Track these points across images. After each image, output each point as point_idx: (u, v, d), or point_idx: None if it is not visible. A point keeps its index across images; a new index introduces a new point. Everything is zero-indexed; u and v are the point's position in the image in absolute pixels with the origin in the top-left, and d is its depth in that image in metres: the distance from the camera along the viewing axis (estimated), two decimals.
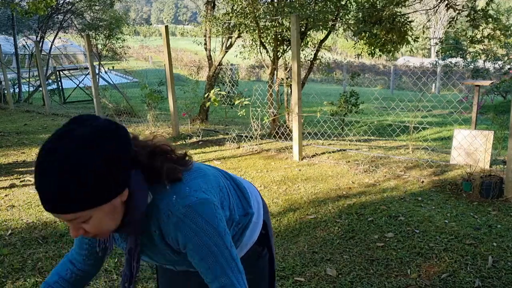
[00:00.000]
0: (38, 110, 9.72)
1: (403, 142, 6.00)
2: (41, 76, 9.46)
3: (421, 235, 2.90)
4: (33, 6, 6.57)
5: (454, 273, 2.42)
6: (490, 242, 2.76)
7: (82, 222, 0.85)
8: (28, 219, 3.28)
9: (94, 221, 0.85)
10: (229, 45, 7.80)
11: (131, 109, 8.05)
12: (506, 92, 11.48)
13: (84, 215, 0.83)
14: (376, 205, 3.44)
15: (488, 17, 5.50)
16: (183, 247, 0.95)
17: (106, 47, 13.92)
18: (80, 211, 0.82)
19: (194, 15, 76.09)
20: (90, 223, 0.85)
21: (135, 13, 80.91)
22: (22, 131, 7.05)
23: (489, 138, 4.13)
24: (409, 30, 5.64)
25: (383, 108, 9.86)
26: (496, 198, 3.49)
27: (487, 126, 7.05)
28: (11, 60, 16.38)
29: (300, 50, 5.36)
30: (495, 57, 11.94)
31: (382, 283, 2.35)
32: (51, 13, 12.44)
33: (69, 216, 0.82)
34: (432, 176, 4.09)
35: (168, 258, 1.04)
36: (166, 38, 5.87)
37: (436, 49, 23.02)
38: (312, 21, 6.06)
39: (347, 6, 6.59)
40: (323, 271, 2.48)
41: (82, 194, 0.79)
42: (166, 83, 6.16)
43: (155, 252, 1.03)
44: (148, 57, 29.69)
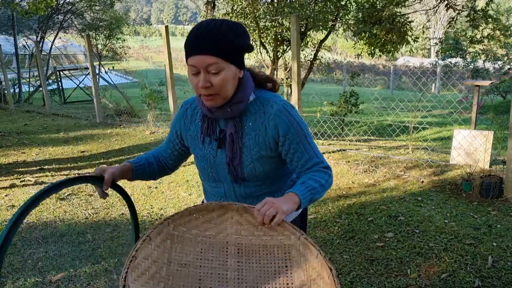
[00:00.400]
0: (38, 110, 9.72)
1: (403, 142, 6.00)
2: (41, 76, 9.46)
3: (421, 235, 2.90)
4: (33, 6, 6.57)
5: (454, 273, 2.42)
6: (490, 242, 2.77)
7: (215, 73, 1.08)
8: (28, 219, 3.29)
9: (222, 75, 1.09)
10: None
11: (131, 109, 8.06)
12: (506, 92, 11.48)
13: (221, 64, 1.07)
14: (376, 205, 3.45)
15: (488, 17, 5.50)
16: (283, 133, 1.17)
17: (106, 47, 13.93)
18: (223, 57, 1.07)
19: (194, 15, 76.12)
20: (219, 76, 1.08)
21: (135, 13, 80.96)
22: (22, 131, 7.06)
23: (489, 138, 4.13)
24: (409, 30, 5.65)
25: (383, 108, 9.86)
26: (495, 198, 3.49)
27: (487, 126, 7.05)
28: (11, 60, 16.38)
29: (300, 50, 5.37)
30: (495, 57, 11.93)
31: (382, 283, 2.35)
32: (51, 13, 12.45)
33: (214, 59, 1.06)
34: (432, 176, 4.09)
35: (252, 153, 1.20)
36: (166, 38, 5.87)
37: (436, 49, 23.03)
38: (312, 21, 6.06)
39: (347, 6, 6.60)
40: None
41: (229, 48, 1.07)
42: (166, 83, 6.17)
43: (245, 144, 1.20)
44: (148, 57, 29.69)
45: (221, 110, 1.17)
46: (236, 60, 1.10)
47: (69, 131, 6.97)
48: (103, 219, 3.30)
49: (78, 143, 6.02)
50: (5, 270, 2.53)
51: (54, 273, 2.50)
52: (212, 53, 1.06)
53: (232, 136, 1.18)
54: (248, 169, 1.19)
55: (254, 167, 1.19)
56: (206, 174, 1.28)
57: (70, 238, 2.95)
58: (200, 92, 1.12)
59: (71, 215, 3.38)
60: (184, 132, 1.30)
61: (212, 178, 1.28)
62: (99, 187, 1.21)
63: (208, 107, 1.17)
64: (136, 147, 5.67)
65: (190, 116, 1.28)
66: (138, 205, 3.59)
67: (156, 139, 6.17)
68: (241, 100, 1.16)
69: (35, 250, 2.79)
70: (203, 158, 1.25)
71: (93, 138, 6.31)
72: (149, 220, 3.28)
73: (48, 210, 3.48)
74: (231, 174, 1.21)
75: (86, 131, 6.90)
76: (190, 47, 1.08)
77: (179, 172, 4.52)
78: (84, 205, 3.60)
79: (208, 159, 1.24)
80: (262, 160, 1.19)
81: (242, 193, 1.26)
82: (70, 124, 7.63)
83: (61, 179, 1.09)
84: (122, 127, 7.10)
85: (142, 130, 6.74)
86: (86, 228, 3.12)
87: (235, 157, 1.19)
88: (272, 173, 1.23)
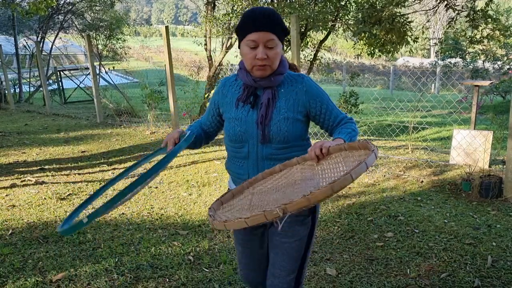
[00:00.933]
0: (38, 110, 9.73)
1: (403, 142, 6.01)
2: (42, 76, 9.47)
3: (421, 235, 2.91)
4: (33, 6, 6.58)
5: (454, 273, 2.43)
6: (489, 242, 2.77)
7: (270, 47, 1.36)
8: (29, 219, 3.29)
9: (276, 50, 1.38)
10: (229, 46, 7.82)
11: (132, 109, 8.06)
12: (505, 92, 11.47)
13: (276, 41, 1.37)
14: (375, 205, 3.45)
15: (488, 17, 5.51)
16: (313, 97, 1.46)
17: (106, 48, 13.95)
18: (278, 36, 1.37)
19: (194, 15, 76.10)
20: (274, 50, 1.37)
21: (135, 13, 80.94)
22: (22, 131, 7.06)
23: (488, 138, 4.14)
24: (409, 30, 5.65)
25: (383, 108, 9.87)
26: (495, 198, 3.50)
27: (487, 126, 7.06)
28: (11, 60, 16.39)
29: (300, 50, 5.37)
30: (494, 58, 11.93)
31: (382, 282, 2.36)
32: (52, 13, 12.46)
33: (272, 36, 1.35)
34: (431, 176, 4.10)
35: (280, 113, 1.44)
36: (166, 38, 5.88)
37: (436, 49, 23.04)
38: (312, 22, 6.07)
39: (347, 7, 6.61)
40: (322, 271, 2.49)
41: (281, 30, 1.38)
42: (166, 83, 6.17)
43: (276, 106, 1.44)
44: (149, 58, 29.68)
45: (266, 80, 1.42)
46: (282, 40, 1.41)
47: (70, 131, 6.98)
48: (103, 219, 3.31)
49: (79, 143, 6.03)
50: (5, 270, 2.54)
51: (55, 272, 2.51)
52: (272, 31, 1.35)
53: (268, 100, 1.42)
54: (274, 127, 1.41)
55: (280, 127, 1.41)
56: (234, 134, 1.47)
57: (70, 238, 2.96)
58: (255, 63, 1.37)
59: None
60: (221, 100, 1.53)
61: (239, 139, 1.46)
62: None
63: (253, 78, 1.43)
64: (136, 147, 5.68)
65: (228, 87, 1.53)
66: (138, 205, 3.60)
67: (157, 139, 6.17)
68: (281, 73, 1.44)
69: (35, 249, 2.80)
70: (235, 118, 1.46)
71: (93, 138, 6.32)
72: (149, 220, 3.28)
73: (49, 210, 3.48)
74: (259, 131, 1.42)
75: (86, 131, 6.91)
76: (252, 25, 1.34)
77: (179, 172, 4.52)
78: None
79: (240, 119, 1.45)
80: (287, 122, 1.42)
81: (263, 155, 1.45)
82: (71, 124, 7.64)
83: (140, 160, 1.42)
84: (122, 127, 7.11)
85: (143, 130, 6.74)
86: (86, 228, 3.13)
87: (266, 116, 1.41)
88: (292, 137, 1.43)
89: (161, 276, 2.46)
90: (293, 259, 1.52)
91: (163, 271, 2.52)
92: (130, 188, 1.16)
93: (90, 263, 2.61)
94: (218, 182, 4.18)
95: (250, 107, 1.44)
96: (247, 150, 1.46)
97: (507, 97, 11.53)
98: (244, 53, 1.39)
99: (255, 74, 1.41)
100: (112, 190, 3.57)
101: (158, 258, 2.67)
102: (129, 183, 1.18)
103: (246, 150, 1.46)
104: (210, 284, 2.38)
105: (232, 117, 1.47)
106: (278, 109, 1.42)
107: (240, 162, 1.49)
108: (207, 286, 2.36)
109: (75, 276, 2.47)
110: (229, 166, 1.56)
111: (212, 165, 4.76)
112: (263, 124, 1.41)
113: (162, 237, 2.98)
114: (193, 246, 2.82)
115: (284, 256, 1.51)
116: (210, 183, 4.14)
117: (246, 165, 1.47)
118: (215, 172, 4.49)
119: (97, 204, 3.17)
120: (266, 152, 1.45)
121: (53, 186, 4.06)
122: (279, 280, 1.52)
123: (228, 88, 1.53)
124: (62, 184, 4.14)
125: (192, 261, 2.64)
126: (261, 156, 1.45)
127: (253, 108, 1.44)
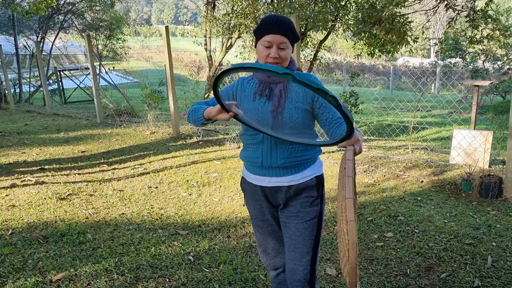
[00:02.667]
0: (38, 110, 9.73)
1: (403, 142, 6.01)
2: (42, 76, 9.47)
3: (421, 235, 2.91)
4: (33, 6, 6.58)
5: (454, 273, 2.43)
6: (489, 242, 2.77)
7: (282, 49, 1.55)
8: (29, 219, 3.29)
9: (287, 51, 1.57)
10: (229, 46, 7.82)
11: (132, 109, 8.06)
12: (505, 92, 11.46)
13: (287, 44, 1.56)
14: (375, 205, 3.45)
15: (488, 17, 5.51)
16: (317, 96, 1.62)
17: (106, 48, 13.94)
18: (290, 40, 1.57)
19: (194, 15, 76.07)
20: (285, 51, 1.56)
21: (135, 13, 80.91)
22: (23, 131, 7.06)
23: (488, 138, 4.14)
24: (409, 30, 5.65)
25: (383, 108, 9.87)
26: (495, 198, 3.50)
27: (487, 126, 7.06)
28: (11, 60, 16.39)
29: (300, 50, 5.37)
30: (494, 58, 11.91)
31: (382, 282, 2.36)
32: (52, 13, 12.45)
33: (285, 39, 1.55)
34: (431, 176, 4.10)
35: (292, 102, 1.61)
36: (166, 38, 5.88)
37: (436, 49, 23.03)
38: (312, 22, 6.07)
39: (347, 7, 6.60)
40: (322, 271, 2.49)
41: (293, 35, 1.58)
42: (166, 83, 6.18)
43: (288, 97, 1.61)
44: (149, 58, 29.68)
45: None
46: (293, 45, 1.62)
47: (70, 131, 6.98)
48: (103, 219, 3.31)
49: (79, 143, 6.03)
50: (6, 270, 2.54)
51: (55, 273, 2.51)
52: (285, 35, 1.55)
53: (280, 92, 1.61)
54: (287, 114, 1.59)
55: (291, 114, 1.59)
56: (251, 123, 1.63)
57: (70, 238, 2.96)
58: (268, 61, 1.56)
59: (71, 215, 3.39)
60: (240, 93, 1.71)
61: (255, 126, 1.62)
62: None
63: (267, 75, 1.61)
64: (136, 147, 5.68)
65: (246, 83, 1.72)
66: (138, 205, 3.60)
67: (157, 139, 6.18)
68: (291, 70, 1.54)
69: (35, 249, 2.80)
70: (253, 108, 1.63)
71: (93, 138, 6.32)
72: (149, 220, 3.29)
73: (49, 210, 3.48)
74: (273, 119, 1.59)
75: (86, 131, 6.91)
76: (269, 29, 1.54)
77: (179, 172, 4.52)
78: (84, 205, 3.61)
79: (257, 108, 1.63)
80: (298, 110, 1.60)
81: (276, 140, 1.61)
82: (71, 124, 7.64)
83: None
84: (122, 127, 7.11)
85: (143, 130, 6.74)
86: (86, 228, 3.13)
87: (279, 105, 1.60)
88: (301, 124, 1.61)
89: (161, 276, 2.46)
90: (306, 240, 1.68)
91: (163, 271, 2.52)
92: None
93: (90, 263, 2.61)
94: (218, 182, 4.18)
95: (266, 99, 1.63)
96: (262, 135, 1.63)
97: (507, 97, 11.53)
98: (259, 51, 1.59)
99: None
100: None
101: (158, 258, 2.67)
102: None
103: (260, 136, 1.63)
104: (210, 284, 2.38)
105: (251, 107, 1.65)
106: (290, 100, 1.61)
107: (255, 147, 1.66)
108: (207, 286, 2.36)
109: (75, 276, 2.47)
110: (245, 153, 1.72)
111: (212, 165, 4.76)
112: (276, 111, 1.60)
113: (162, 237, 2.98)
114: (193, 246, 2.82)
115: (298, 238, 1.67)
116: (210, 183, 4.14)
117: (261, 149, 1.64)
118: (215, 172, 4.49)
119: None
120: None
121: (53, 186, 4.06)
122: (294, 263, 1.69)
123: (246, 84, 1.71)
124: (62, 184, 4.14)
125: (192, 261, 2.64)
126: (275, 141, 1.62)
127: (268, 100, 1.63)
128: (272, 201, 1.72)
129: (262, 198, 1.72)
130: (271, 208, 1.74)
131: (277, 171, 1.65)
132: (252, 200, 1.77)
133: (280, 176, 1.65)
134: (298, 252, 1.68)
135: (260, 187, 1.70)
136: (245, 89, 1.72)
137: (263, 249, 1.84)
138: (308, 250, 1.69)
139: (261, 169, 1.67)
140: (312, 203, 1.68)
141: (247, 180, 1.76)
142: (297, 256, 1.68)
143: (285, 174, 1.65)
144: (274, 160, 1.63)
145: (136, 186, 4.07)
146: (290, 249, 1.70)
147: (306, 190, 1.67)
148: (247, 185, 1.77)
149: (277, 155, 1.63)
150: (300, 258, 1.68)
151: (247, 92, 1.70)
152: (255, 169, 1.69)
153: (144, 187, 4.04)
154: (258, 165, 1.67)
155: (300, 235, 1.68)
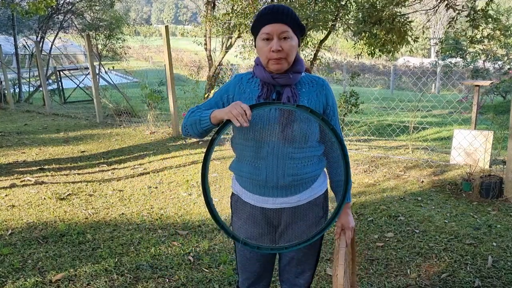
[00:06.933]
0: (38, 110, 9.72)
1: (403, 142, 6.00)
2: (42, 76, 9.46)
3: (421, 235, 2.90)
4: (33, 6, 6.57)
5: (454, 273, 2.42)
6: (489, 242, 2.77)
7: (285, 38, 1.32)
8: (29, 219, 3.29)
9: (290, 42, 1.33)
10: (229, 45, 7.81)
11: (132, 109, 8.05)
12: (506, 92, 11.47)
13: (290, 33, 1.33)
14: (376, 205, 3.45)
15: (488, 17, 5.50)
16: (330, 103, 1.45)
17: (106, 47, 13.93)
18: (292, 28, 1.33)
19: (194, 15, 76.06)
20: (288, 42, 1.32)
21: (135, 13, 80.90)
22: (22, 131, 7.06)
23: (489, 138, 4.13)
24: (409, 30, 5.64)
25: (383, 108, 9.86)
26: (495, 198, 3.49)
27: (487, 126, 7.05)
28: (11, 60, 16.37)
29: (300, 50, 5.37)
30: (495, 57, 11.92)
31: (382, 282, 2.35)
32: (51, 13, 12.44)
33: (286, 28, 1.32)
34: (432, 176, 4.09)
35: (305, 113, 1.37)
36: (166, 38, 5.88)
37: (436, 49, 23.02)
38: (312, 21, 6.06)
39: (347, 6, 6.60)
40: (322, 271, 2.48)
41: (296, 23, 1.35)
42: (166, 83, 6.17)
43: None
44: (149, 57, 29.67)
45: (284, 77, 1.37)
46: (298, 34, 1.38)
47: (69, 131, 6.97)
48: (103, 219, 3.30)
49: (78, 143, 6.02)
50: (5, 270, 2.53)
51: (54, 273, 2.50)
52: (285, 23, 1.32)
53: (289, 99, 1.36)
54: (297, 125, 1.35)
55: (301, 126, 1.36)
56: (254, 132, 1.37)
57: (70, 238, 2.95)
58: (270, 56, 1.33)
59: (71, 215, 3.38)
60: (238, 95, 1.43)
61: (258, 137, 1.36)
62: None
63: (271, 75, 1.37)
64: (136, 147, 5.67)
65: (246, 83, 1.45)
66: (138, 205, 3.59)
67: (156, 139, 6.17)
68: (299, 71, 1.40)
69: (35, 250, 2.79)
70: (256, 114, 1.34)
71: (93, 138, 6.31)
72: (149, 220, 3.28)
73: (48, 210, 3.48)
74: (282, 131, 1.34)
75: (86, 131, 6.90)
76: (266, 18, 1.32)
77: (179, 172, 4.52)
78: (84, 205, 3.60)
79: (261, 115, 1.35)
80: (309, 121, 1.35)
81: (284, 153, 1.35)
82: (70, 124, 7.63)
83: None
84: (122, 127, 7.10)
85: (142, 130, 6.74)
86: (86, 228, 3.12)
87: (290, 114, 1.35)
88: (311, 137, 1.37)
89: (161, 276, 2.46)
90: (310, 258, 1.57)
91: (162, 271, 2.51)
92: None
93: (89, 263, 2.61)
94: (218, 182, 4.17)
95: None
96: (266, 149, 1.35)
97: (508, 97, 11.53)
98: (259, 47, 1.35)
99: (271, 68, 1.35)
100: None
101: (157, 258, 2.66)
102: None
103: (265, 150, 1.35)
104: (210, 284, 2.37)
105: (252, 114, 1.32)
106: None
107: (256, 162, 1.38)
108: (207, 286, 2.35)
109: (74, 276, 2.46)
110: (240, 167, 1.44)
111: (212, 165, 4.75)
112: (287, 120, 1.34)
113: (162, 237, 2.97)
114: (193, 246, 2.82)
115: (301, 258, 1.54)
116: (210, 183, 4.13)
117: (265, 165, 1.35)
118: (215, 172, 4.48)
119: None
120: (286, 151, 1.35)
121: (52, 186, 4.06)
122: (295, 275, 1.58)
123: (246, 84, 1.43)
124: (61, 184, 4.13)
125: (192, 261, 2.63)
126: (282, 155, 1.35)
127: None
128: (273, 223, 1.48)
129: (262, 222, 1.46)
130: (268, 228, 1.48)
131: (283, 191, 1.38)
132: (245, 222, 1.48)
133: (287, 196, 1.39)
134: (300, 268, 1.56)
135: (261, 208, 1.43)
136: (245, 90, 1.44)
137: (246, 277, 1.59)
138: (311, 267, 1.58)
139: (264, 189, 1.39)
140: (318, 222, 1.49)
141: (243, 200, 1.47)
142: (299, 271, 1.57)
143: (293, 193, 1.39)
144: (281, 178, 1.35)
145: (136, 186, 4.07)
146: (291, 264, 1.56)
147: (313, 208, 1.47)
148: (242, 204, 1.48)
149: (284, 172, 1.35)
150: (302, 272, 1.57)
151: (248, 93, 1.42)
152: (255, 188, 1.41)
153: (143, 187, 4.03)
154: (260, 183, 1.38)
155: (304, 255, 1.53)
